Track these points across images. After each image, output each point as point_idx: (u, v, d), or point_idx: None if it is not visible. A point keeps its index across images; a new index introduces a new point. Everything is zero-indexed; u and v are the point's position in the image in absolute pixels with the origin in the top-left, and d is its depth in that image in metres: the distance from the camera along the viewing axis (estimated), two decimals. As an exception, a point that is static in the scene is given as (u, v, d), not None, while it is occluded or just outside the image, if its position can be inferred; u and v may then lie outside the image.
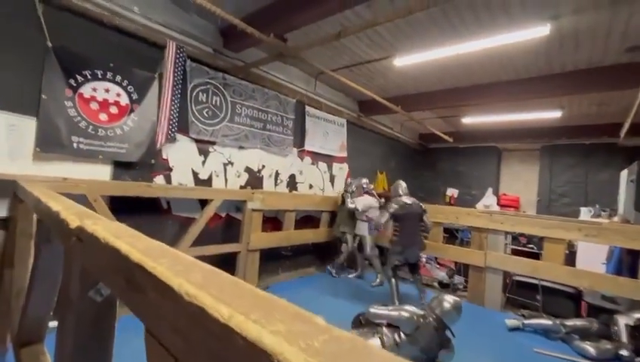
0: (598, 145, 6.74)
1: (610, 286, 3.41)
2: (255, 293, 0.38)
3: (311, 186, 5.40)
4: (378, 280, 4.61)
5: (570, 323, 3.32)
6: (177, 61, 3.34)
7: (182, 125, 3.52)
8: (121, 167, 3.12)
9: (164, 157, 3.46)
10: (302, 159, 5.19)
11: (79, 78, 2.79)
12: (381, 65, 4.50)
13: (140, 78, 3.16)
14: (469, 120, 6.75)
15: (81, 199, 2.68)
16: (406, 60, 4.05)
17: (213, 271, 0.45)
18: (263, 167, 4.54)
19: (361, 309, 2.83)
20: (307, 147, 5.21)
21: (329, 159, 5.73)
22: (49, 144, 2.65)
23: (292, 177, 5.03)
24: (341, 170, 6.04)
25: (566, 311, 3.87)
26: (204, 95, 3.72)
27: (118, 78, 3.00)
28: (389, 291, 3.84)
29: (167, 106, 3.31)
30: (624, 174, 6.13)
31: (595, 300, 3.81)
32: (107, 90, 2.94)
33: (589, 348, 3.02)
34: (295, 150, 5.03)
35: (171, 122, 3.35)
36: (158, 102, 3.29)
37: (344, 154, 6.02)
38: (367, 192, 4.89)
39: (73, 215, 0.82)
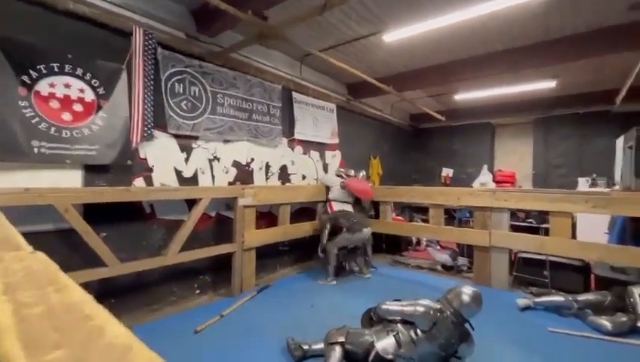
0: (591, 114, 6.63)
1: (621, 256, 3.29)
2: None
3: (304, 177, 5.15)
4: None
5: (582, 298, 3.20)
6: (146, 49, 3.00)
7: (159, 120, 3.21)
8: (94, 171, 2.81)
9: (142, 156, 3.15)
10: (293, 149, 4.92)
11: (33, 73, 2.44)
12: (369, 42, 4.21)
13: (105, 70, 2.82)
14: (461, 96, 6.54)
15: (50, 211, 2.38)
16: (395, 35, 3.77)
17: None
18: (252, 160, 4.26)
19: (369, 303, 2.65)
20: (297, 136, 4.93)
21: (321, 147, 5.47)
22: (4, 151, 2.32)
23: (283, 169, 4.77)
24: (334, 158, 5.79)
25: (574, 285, 3.77)
26: (181, 86, 3.39)
27: (79, 71, 2.66)
28: (392, 286, 3.66)
29: (140, 100, 2.98)
30: (620, 141, 6.05)
31: (605, 272, 3.71)
32: (67, 86, 2.60)
33: (605, 322, 2.90)
34: (285, 140, 4.75)
35: (146, 118, 3.03)
36: (129, 96, 2.95)
37: (336, 140, 5.76)
38: (339, 175, 5.03)
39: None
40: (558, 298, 3.32)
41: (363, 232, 4.18)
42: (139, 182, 3.12)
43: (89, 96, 2.72)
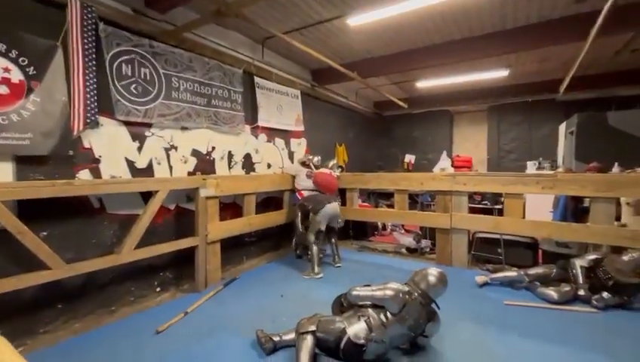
0: (539, 102, 7.13)
1: (566, 233, 3.60)
2: None
3: (269, 165, 5.01)
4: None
5: (532, 272, 3.47)
6: (85, 24, 2.66)
7: (104, 106, 2.89)
8: (28, 163, 2.47)
9: (87, 146, 2.83)
10: (256, 137, 4.74)
11: (-60, 47, 2.05)
12: (334, 26, 4.11)
13: (35, 48, 2.45)
14: (422, 84, 6.70)
15: (-27, 209, 2.06)
16: (360, 19, 3.71)
17: None
18: (213, 148, 4.03)
19: (336, 290, 2.64)
20: (261, 123, 4.75)
21: (286, 134, 5.33)
22: None
23: (247, 157, 4.58)
24: (299, 146, 5.69)
25: (525, 260, 4.08)
26: (129, 67, 3.06)
27: (2, 47, 2.28)
28: (360, 271, 3.70)
29: (80, 83, 2.65)
30: (562, 127, 6.60)
31: (551, 247, 4.06)
32: (-12, 64, 2.23)
33: (552, 292, 3.18)
34: (248, 127, 4.55)
35: (88, 102, 2.71)
36: (66, 78, 2.61)
37: (301, 128, 5.64)
38: (303, 163, 4.98)
39: None
40: (511, 273, 3.57)
41: (327, 207, 4.04)
42: (84, 174, 2.81)
43: (16, 76, 2.36)
